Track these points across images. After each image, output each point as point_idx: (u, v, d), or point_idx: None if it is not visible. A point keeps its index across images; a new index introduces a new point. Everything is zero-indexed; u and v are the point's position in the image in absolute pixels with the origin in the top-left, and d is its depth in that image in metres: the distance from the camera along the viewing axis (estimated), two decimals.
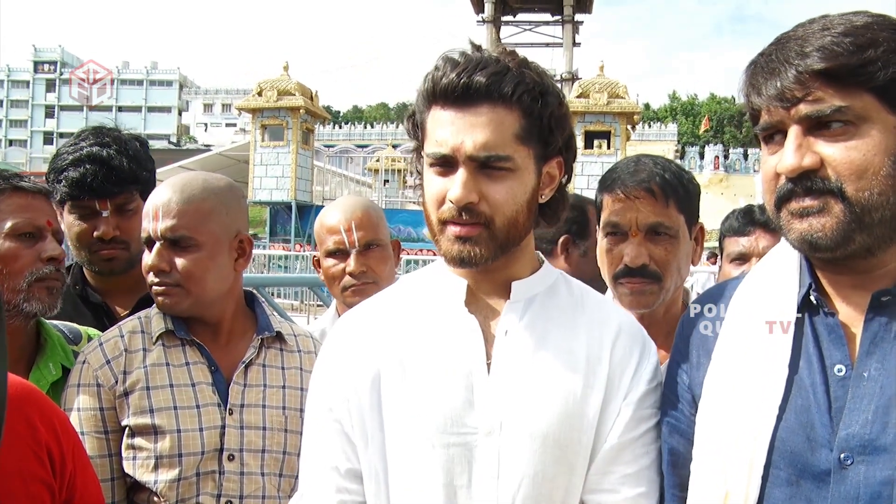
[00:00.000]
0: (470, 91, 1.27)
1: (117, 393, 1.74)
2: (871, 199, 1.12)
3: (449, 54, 1.32)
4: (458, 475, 1.30)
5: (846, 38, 1.11)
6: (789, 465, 1.18)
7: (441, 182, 1.31)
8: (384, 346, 1.38)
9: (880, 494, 1.10)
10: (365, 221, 2.25)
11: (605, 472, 1.34)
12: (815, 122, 1.14)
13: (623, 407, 1.35)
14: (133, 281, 2.24)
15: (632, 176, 1.79)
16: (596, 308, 1.43)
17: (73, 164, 2.15)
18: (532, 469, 1.29)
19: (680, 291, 1.91)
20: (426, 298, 1.43)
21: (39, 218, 1.76)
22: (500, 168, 1.29)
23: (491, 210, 1.30)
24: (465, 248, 1.31)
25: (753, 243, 2.66)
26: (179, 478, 1.70)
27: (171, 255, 1.77)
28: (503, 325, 1.37)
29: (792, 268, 1.27)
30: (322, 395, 1.42)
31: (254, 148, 25.17)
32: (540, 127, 1.32)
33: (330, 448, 1.38)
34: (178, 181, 1.82)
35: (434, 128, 1.31)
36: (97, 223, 2.15)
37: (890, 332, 1.15)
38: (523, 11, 32.80)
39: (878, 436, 1.11)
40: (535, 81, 1.31)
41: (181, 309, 1.79)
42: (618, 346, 1.38)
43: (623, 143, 22.92)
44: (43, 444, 1.37)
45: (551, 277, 1.44)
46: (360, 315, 1.48)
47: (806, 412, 1.18)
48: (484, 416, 1.31)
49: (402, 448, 1.32)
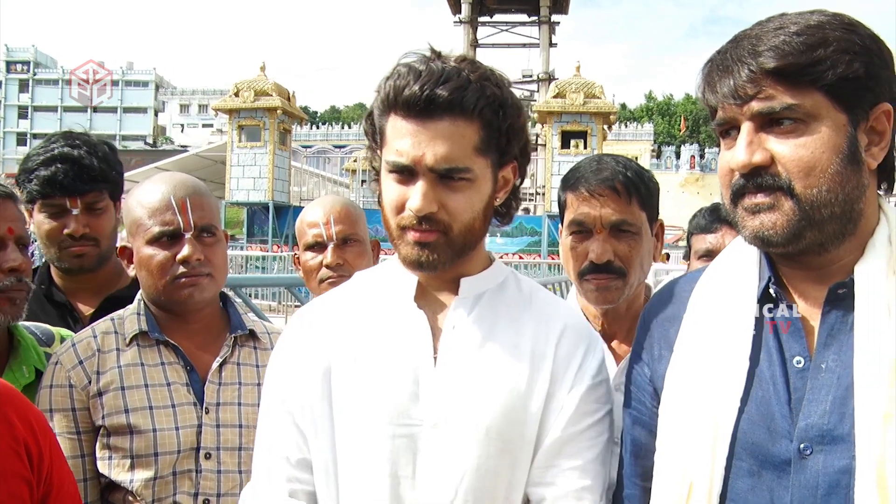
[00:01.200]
0: (432, 104, 1.29)
1: (90, 393, 1.74)
2: (819, 196, 1.14)
3: (411, 62, 1.34)
4: (403, 466, 1.33)
5: (798, 37, 1.13)
6: (751, 456, 1.20)
7: (400, 189, 1.34)
8: (336, 339, 1.42)
9: (839, 483, 1.12)
10: (343, 216, 2.28)
11: (548, 465, 1.36)
12: (766, 118, 1.16)
13: (567, 401, 1.38)
14: (99, 281, 2.28)
15: (595, 174, 1.82)
16: (544, 305, 1.46)
17: (44, 164, 2.18)
18: (475, 461, 1.32)
19: (642, 287, 1.95)
20: (378, 294, 1.46)
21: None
22: (460, 179, 1.32)
23: (449, 218, 1.33)
24: (424, 254, 1.34)
25: (720, 240, 2.70)
26: (155, 477, 1.70)
27: (201, 246, 1.79)
28: (451, 320, 1.40)
29: (751, 261, 1.29)
30: (275, 386, 1.45)
31: (230, 148, 25.03)
32: (498, 138, 1.36)
33: (281, 438, 1.41)
34: (178, 178, 1.85)
35: (394, 136, 1.33)
36: (67, 221, 2.18)
37: (846, 324, 1.17)
38: (500, 12, 32.92)
39: (836, 426, 1.14)
40: (495, 94, 1.34)
41: (206, 298, 1.82)
42: (563, 342, 1.41)
43: (599, 142, 23.06)
44: (21, 440, 1.37)
45: (501, 275, 1.47)
46: (314, 309, 1.51)
47: (766, 404, 1.20)
48: (429, 408, 1.34)
49: (350, 438, 1.36)
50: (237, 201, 25.27)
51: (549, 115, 23.36)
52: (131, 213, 1.82)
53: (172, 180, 1.84)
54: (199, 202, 1.81)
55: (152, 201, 1.79)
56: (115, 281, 2.32)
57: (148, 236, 1.78)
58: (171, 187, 1.80)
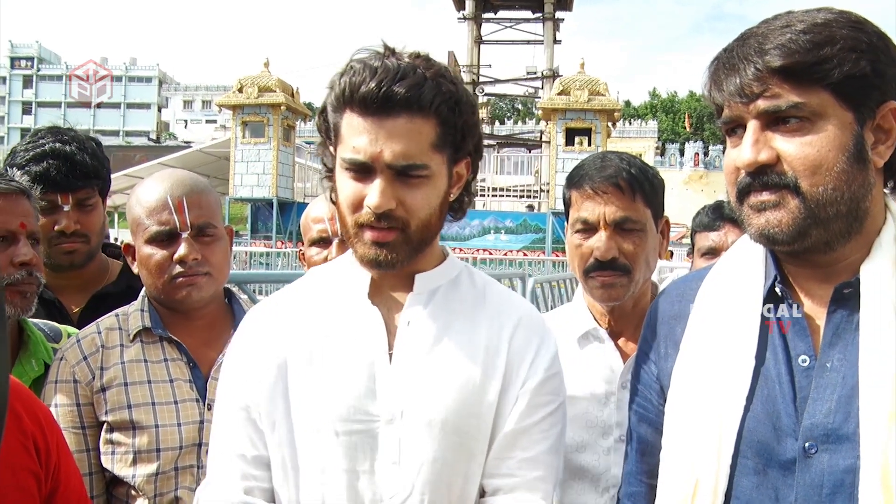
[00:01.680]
0: (389, 101, 1.29)
1: (94, 389, 1.75)
2: (825, 195, 1.14)
3: (365, 59, 1.34)
4: (361, 461, 1.34)
5: (804, 35, 1.13)
6: (756, 455, 1.20)
7: (357, 187, 1.34)
8: (291, 336, 1.42)
9: (843, 482, 1.12)
10: None
11: (502, 457, 1.39)
12: (772, 117, 1.15)
13: (520, 394, 1.40)
14: (86, 278, 2.29)
15: (599, 172, 1.82)
16: (497, 300, 1.48)
17: (35, 160, 2.18)
18: (431, 455, 1.34)
19: (648, 284, 1.95)
20: (333, 290, 1.46)
21: (12, 221, 1.73)
22: (417, 176, 1.33)
23: (407, 215, 1.34)
24: (382, 253, 1.35)
25: (723, 238, 2.70)
26: (158, 472, 1.71)
27: (198, 245, 1.79)
28: (406, 316, 1.41)
29: (757, 260, 1.29)
30: (230, 383, 1.46)
31: (234, 144, 25.03)
32: (454, 134, 1.37)
33: (237, 435, 1.41)
34: (176, 176, 1.85)
35: (350, 133, 1.33)
36: (58, 217, 2.18)
37: (852, 323, 1.17)
38: (504, 8, 32.83)
39: (841, 425, 1.14)
40: (450, 91, 1.35)
41: (204, 297, 1.82)
42: (516, 336, 1.43)
43: (604, 140, 23.03)
44: (29, 434, 1.38)
45: (455, 270, 1.48)
46: (268, 306, 1.51)
47: (772, 402, 1.20)
48: (385, 404, 1.35)
49: (307, 435, 1.36)
50: (241, 197, 25.28)
51: (553, 112, 23.33)
52: (132, 211, 1.83)
53: (170, 179, 1.83)
54: (196, 201, 1.81)
55: (150, 200, 1.80)
56: (101, 277, 2.33)
57: (146, 236, 1.78)
58: (168, 186, 1.80)
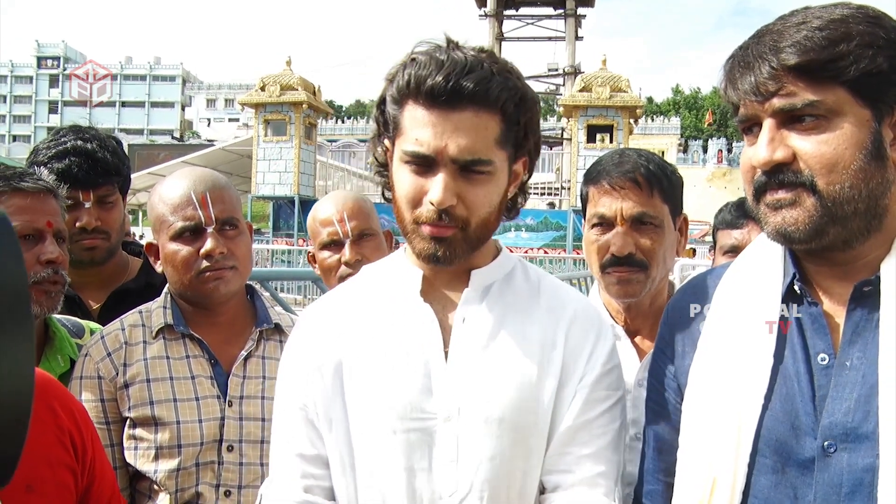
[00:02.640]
0: (456, 95, 1.28)
1: (118, 385, 1.77)
2: (842, 193, 1.13)
3: (431, 52, 1.32)
4: (419, 459, 1.34)
5: (820, 32, 1.11)
6: (775, 453, 1.19)
7: (417, 181, 1.32)
8: (346, 335, 1.42)
9: (862, 481, 1.11)
10: (357, 211, 2.27)
11: (561, 453, 1.37)
12: (788, 115, 1.14)
13: (578, 390, 1.38)
14: (106, 275, 2.32)
15: (617, 167, 1.82)
16: (552, 294, 1.46)
17: (57, 157, 2.21)
18: (490, 452, 1.33)
19: (665, 282, 1.93)
20: (385, 288, 1.46)
21: (39, 220, 1.76)
22: (481, 172, 1.32)
23: (468, 212, 1.33)
24: (441, 249, 1.34)
25: (746, 236, 2.68)
26: (179, 468, 1.73)
27: (223, 239, 1.81)
28: (460, 313, 1.40)
29: (776, 258, 1.28)
30: (288, 383, 1.46)
31: (256, 143, 25.16)
32: (517, 131, 1.35)
33: (296, 435, 1.42)
34: (197, 172, 1.88)
35: (413, 126, 1.31)
36: (79, 214, 2.21)
37: (871, 321, 1.16)
38: (525, 5, 32.75)
39: (860, 424, 1.13)
40: (516, 87, 1.33)
41: (231, 291, 1.84)
42: (573, 330, 1.41)
43: (626, 136, 22.89)
44: (66, 430, 1.41)
45: (509, 265, 1.47)
46: (323, 306, 1.51)
47: (790, 401, 1.19)
48: (442, 402, 1.35)
49: (364, 434, 1.36)
50: (263, 195, 25.41)
51: (574, 109, 23.23)
52: (155, 209, 1.84)
53: (192, 175, 1.86)
54: (219, 196, 1.82)
55: (173, 197, 1.81)
56: (120, 274, 2.36)
57: (171, 232, 1.80)
58: (191, 182, 1.82)
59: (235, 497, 1.77)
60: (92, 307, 2.27)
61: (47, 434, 1.37)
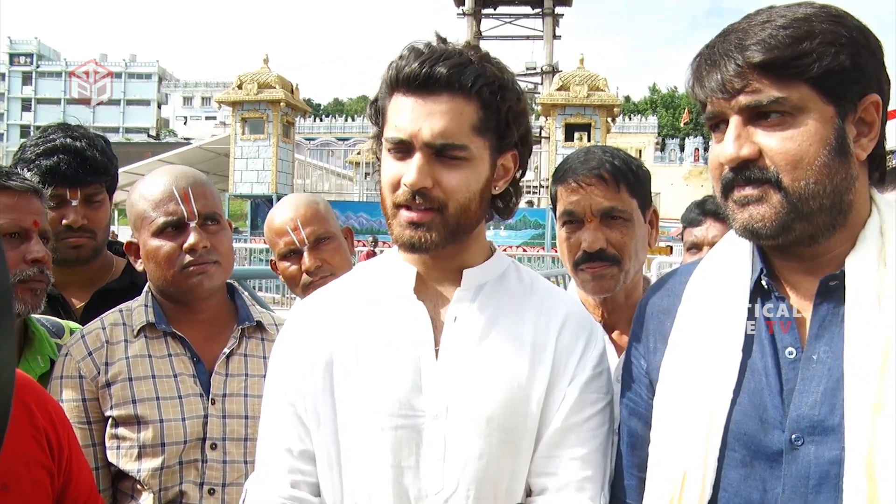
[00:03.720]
0: (431, 80, 1.31)
1: (99, 384, 1.77)
2: (807, 189, 1.15)
3: (415, 44, 1.36)
4: (406, 457, 1.35)
5: (784, 30, 1.14)
6: (743, 447, 1.21)
7: (397, 166, 1.35)
8: (337, 331, 1.43)
9: (829, 473, 1.13)
10: (310, 217, 2.23)
11: (550, 455, 1.38)
12: (754, 112, 1.16)
13: (568, 391, 1.39)
14: (90, 274, 2.31)
15: (583, 165, 1.85)
16: (545, 295, 1.47)
17: (46, 154, 2.20)
18: (477, 451, 1.34)
19: (640, 277, 1.96)
20: (378, 285, 1.47)
21: (25, 219, 1.76)
22: (456, 157, 1.33)
23: (444, 196, 1.34)
24: (417, 234, 1.35)
25: (704, 232, 2.77)
26: (162, 466, 1.73)
27: (206, 234, 1.82)
28: (452, 311, 1.41)
29: (744, 253, 1.30)
30: (277, 378, 1.46)
31: (234, 141, 25.03)
32: (497, 120, 1.36)
33: (284, 430, 1.42)
34: (178, 169, 1.88)
35: (394, 114, 1.35)
36: (66, 212, 2.21)
37: (838, 315, 1.18)
38: (503, 4, 32.78)
39: (827, 417, 1.14)
40: (494, 75, 1.35)
41: (215, 286, 1.85)
42: (564, 332, 1.43)
43: (603, 135, 22.99)
44: (41, 429, 1.41)
45: (503, 265, 1.48)
46: (315, 302, 1.52)
47: (759, 394, 1.21)
48: (431, 400, 1.35)
49: (353, 430, 1.37)
50: (241, 194, 25.27)
51: (552, 108, 23.31)
52: (135, 207, 1.84)
53: (173, 172, 1.86)
54: (201, 191, 1.83)
55: (155, 193, 1.82)
56: (104, 274, 2.35)
57: (153, 228, 1.80)
58: (172, 178, 1.83)
59: (219, 495, 1.77)
60: (76, 306, 2.27)
61: (23, 433, 1.37)
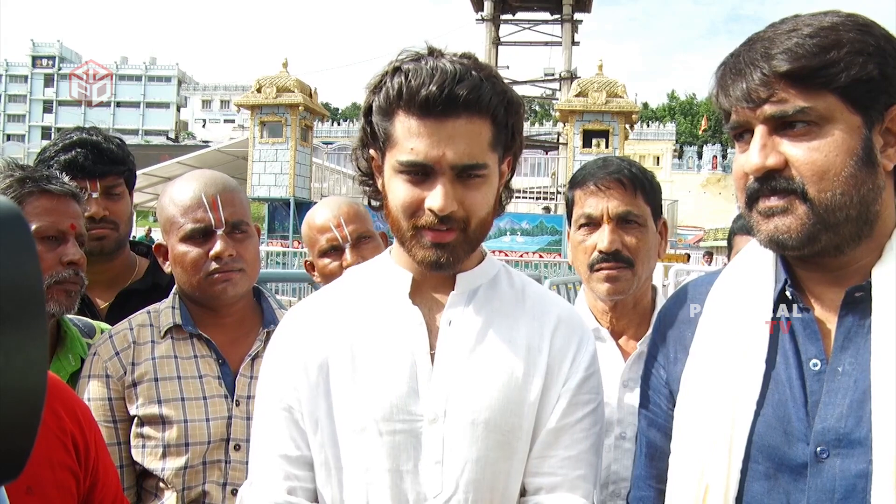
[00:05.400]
0: (451, 103, 1.30)
1: (126, 383, 1.79)
2: (833, 200, 1.14)
3: (417, 61, 1.33)
4: (405, 461, 1.35)
5: (811, 39, 1.12)
6: (767, 459, 1.19)
7: (414, 190, 1.34)
8: (333, 336, 1.43)
9: (855, 487, 1.11)
10: (353, 215, 2.28)
11: (544, 455, 1.40)
12: (779, 122, 1.15)
13: (562, 393, 1.41)
14: (114, 273, 2.34)
15: (602, 170, 1.89)
16: (537, 299, 1.49)
17: (64, 149, 2.26)
18: (475, 454, 1.35)
19: (649, 284, 1.99)
20: (373, 290, 1.47)
21: (63, 222, 1.79)
22: (478, 175, 1.34)
23: (467, 214, 1.35)
24: (444, 255, 1.36)
25: None
26: (186, 466, 1.75)
27: (232, 241, 1.83)
28: (447, 316, 1.42)
29: (768, 264, 1.28)
30: (272, 383, 1.46)
31: (252, 144, 25.12)
32: (506, 134, 1.39)
33: (279, 436, 1.42)
34: (208, 175, 1.90)
35: (407, 136, 1.32)
36: (87, 203, 2.23)
37: (863, 327, 1.16)
38: (522, 10, 32.72)
39: (853, 429, 1.13)
40: (504, 92, 1.36)
41: (239, 293, 1.86)
42: (557, 335, 1.45)
43: (621, 142, 22.89)
44: (68, 432, 1.42)
45: (494, 269, 1.49)
46: (309, 306, 1.52)
47: (783, 406, 1.19)
48: (428, 404, 1.36)
49: (350, 435, 1.37)
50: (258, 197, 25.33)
51: (570, 114, 23.22)
52: (165, 211, 1.87)
53: (203, 178, 1.88)
54: (230, 199, 1.85)
55: (184, 199, 1.83)
56: (128, 274, 2.38)
57: (181, 234, 1.82)
58: (202, 185, 1.84)
59: None
60: (100, 306, 2.29)
61: (49, 436, 1.38)
